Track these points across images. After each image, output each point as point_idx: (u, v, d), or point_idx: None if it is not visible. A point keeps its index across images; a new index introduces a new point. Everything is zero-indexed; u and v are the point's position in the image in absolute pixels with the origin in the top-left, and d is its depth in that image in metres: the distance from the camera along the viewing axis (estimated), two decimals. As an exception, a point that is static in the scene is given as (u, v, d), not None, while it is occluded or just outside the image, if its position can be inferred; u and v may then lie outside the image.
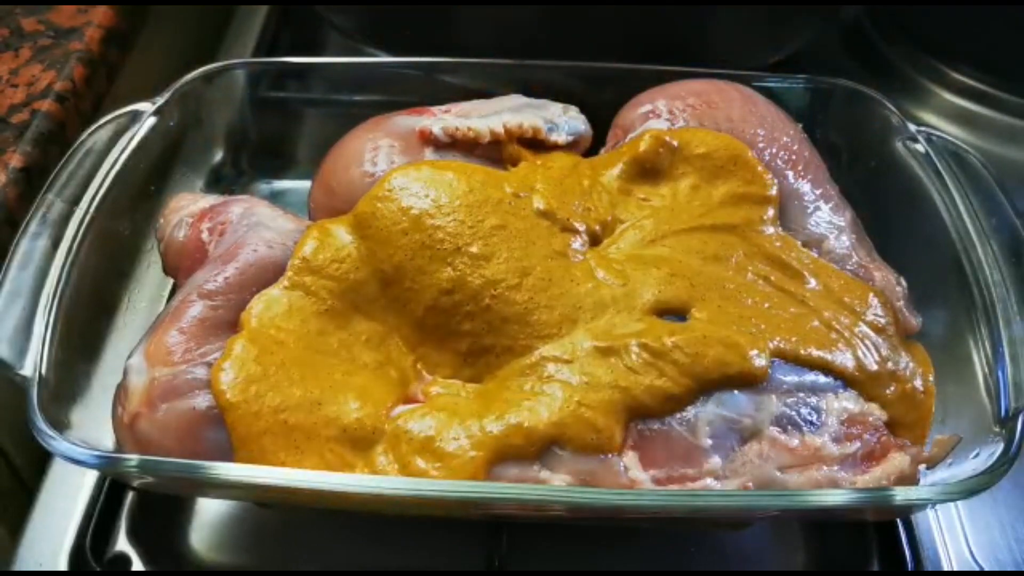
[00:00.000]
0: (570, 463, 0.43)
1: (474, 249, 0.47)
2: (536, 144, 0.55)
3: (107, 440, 0.46)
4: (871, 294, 0.49)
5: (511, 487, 0.42)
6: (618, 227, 0.51)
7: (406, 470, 0.43)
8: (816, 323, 0.47)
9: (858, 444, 0.44)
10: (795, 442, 0.43)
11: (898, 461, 0.44)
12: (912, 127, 0.55)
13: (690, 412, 0.44)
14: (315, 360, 0.46)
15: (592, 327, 0.46)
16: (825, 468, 0.44)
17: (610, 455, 0.43)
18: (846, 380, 0.46)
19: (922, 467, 0.45)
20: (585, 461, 0.43)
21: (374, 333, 0.48)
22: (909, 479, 0.44)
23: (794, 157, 0.53)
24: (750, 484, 0.43)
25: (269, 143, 0.65)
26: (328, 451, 0.43)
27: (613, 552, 0.53)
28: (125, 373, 0.45)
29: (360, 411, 0.44)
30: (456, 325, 0.47)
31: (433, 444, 0.43)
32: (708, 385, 0.44)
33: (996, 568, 0.51)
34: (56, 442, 0.42)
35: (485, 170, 0.51)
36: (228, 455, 0.43)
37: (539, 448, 0.43)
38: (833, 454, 0.44)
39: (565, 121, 0.56)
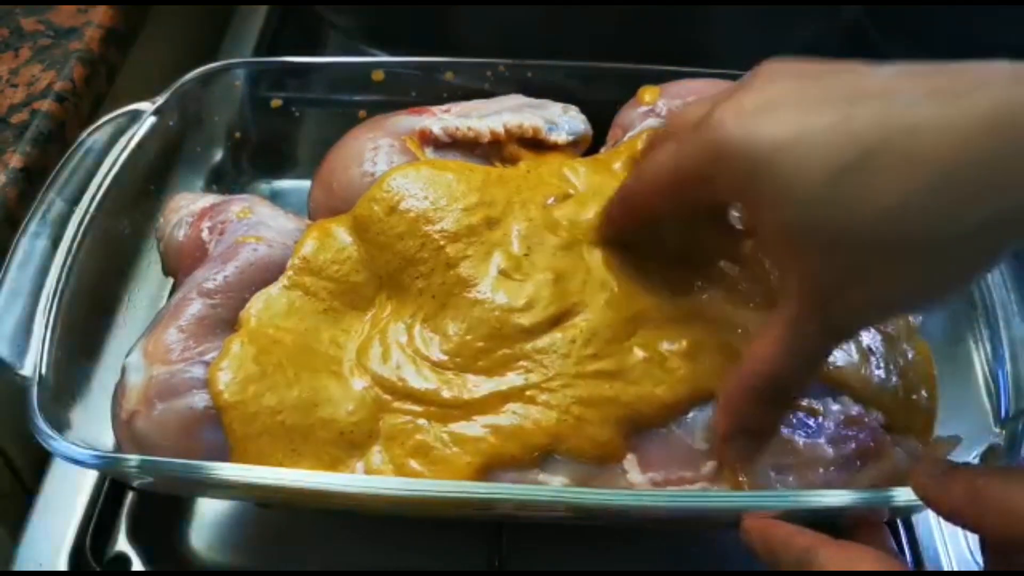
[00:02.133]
0: (568, 469, 0.43)
1: (470, 253, 0.47)
2: (536, 144, 0.55)
3: (107, 440, 0.45)
4: None
5: (511, 488, 0.42)
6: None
7: (400, 471, 0.43)
8: None
9: (853, 445, 0.44)
10: (792, 444, 0.43)
11: (895, 461, 0.44)
12: (912, 127, 0.55)
13: (689, 416, 0.44)
14: (313, 361, 0.46)
15: None
16: (821, 470, 0.43)
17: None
18: (850, 390, 0.46)
19: None
20: (583, 468, 0.43)
21: (374, 333, 0.48)
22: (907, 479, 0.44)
23: (794, 157, 0.53)
24: (745, 486, 0.43)
25: (269, 143, 0.65)
26: (325, 453, 0.43)
27: (613, 552, 0.53)
28: (124, 371, 0.45)
29: (357, 414, 0.44)
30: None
31: (428, 447, 0.43)
32: (707, 392, 0.44)
33: (996, 568, 0.51)
34: (56, 442, 0.42)
35: (485, 170, 0.51)
36: (226, 454, 0.43)
37: (535, 457, 0.43)
38: (828, 455, 0.44)
39: (565, 121, 0.56)
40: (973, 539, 0.52)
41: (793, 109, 0.34)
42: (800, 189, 0.34)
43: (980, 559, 0.38)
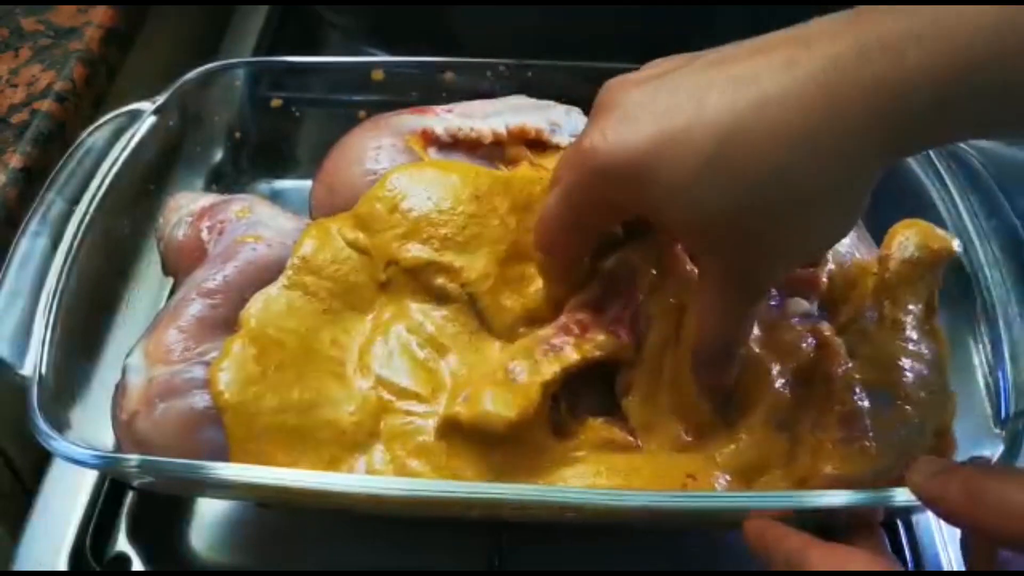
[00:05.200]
0: None
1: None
2: (538, 144, 0.55)
3: (107, 440, 0.45)
4: None
5: (511, 487, 0.42)
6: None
7: (402, 472, 0.43)
8: None
9: None
10: None
11: None
12: (912, 127, 0.55)
13: None
14: (314, 361, 0.45)
15: None
16: None
17: None
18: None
19: None
20: None
21: (374, 334, 0.48)
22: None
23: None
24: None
25: (269, 143, 0.64)
26: (326, 453, 0.43)
27: (613, 552, 0.53)
28: (124, 372, 0.45)
29: (358, 414, 0.44)
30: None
31: (431, 449, 0.43)
32: None
33: (996, 568, 0.51)
34: (56, 442, 0.42)
35: (490, 172, 0.51)
36: (226, 454, 0.43)
37: None
38: None
39: (568, 122, 0.56)
40: (973, 539, 0.52)
41: (649, 116, 0.37)
42: (678, 188, 0.36)
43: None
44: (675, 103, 0.37)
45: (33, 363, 0.44)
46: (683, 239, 0.41)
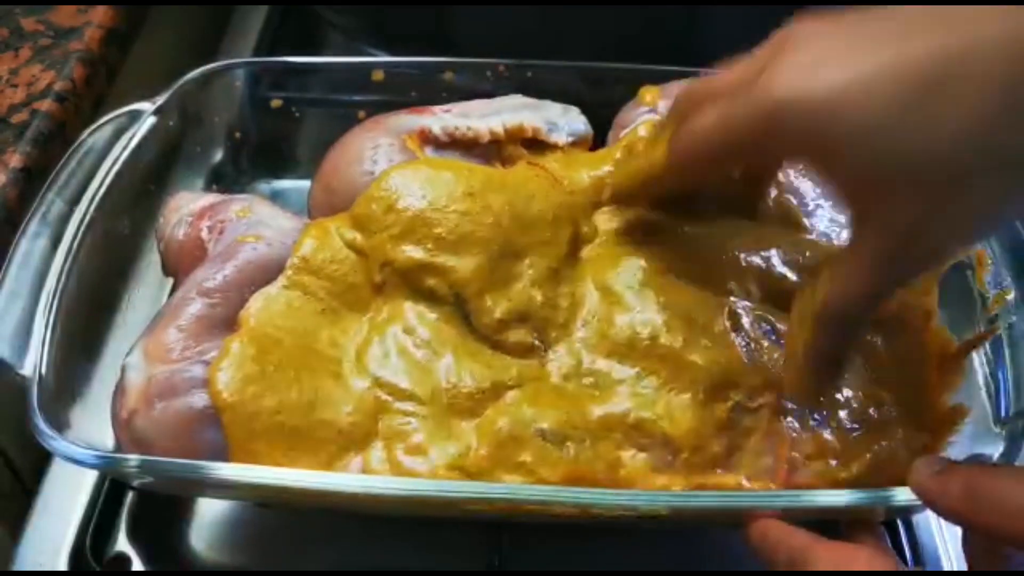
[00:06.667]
0: None
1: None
2: (536, 144, 0.55)
3: (107, 440, 0.46)
4: None
5: (511, 487, 0.42)
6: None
7: (399, 471, 0.43)
8: None
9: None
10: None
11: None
12: (912, 127, 0.55)
13: None
14: (312, 361, 0.45)
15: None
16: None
17: None
18: None
19: None
20: None
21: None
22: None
23: (794, 156, 0.53)
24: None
25: (269, 143, 0.64)
26: (324, 452, 0.43)
27: (613, 551, 0.53)
28: (123, 371, 0.45)
29: (355, 414, 0.44)
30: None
31: (428, 449, 0.43)
32: None
33: (996, 568, 0.51)
34: (56, 442, 0.42)
35: (485, 170, 0.51)
36: (226, 454, 0.43)
37: None
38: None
39: (566, 122, 0.56)
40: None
41: (845, 57, 0.34)
42: (873, 129, 0.33)
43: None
44: (873, 47, 0.34)
45: (33, 363, 0.44)
46: (853, 189, 0.36)
